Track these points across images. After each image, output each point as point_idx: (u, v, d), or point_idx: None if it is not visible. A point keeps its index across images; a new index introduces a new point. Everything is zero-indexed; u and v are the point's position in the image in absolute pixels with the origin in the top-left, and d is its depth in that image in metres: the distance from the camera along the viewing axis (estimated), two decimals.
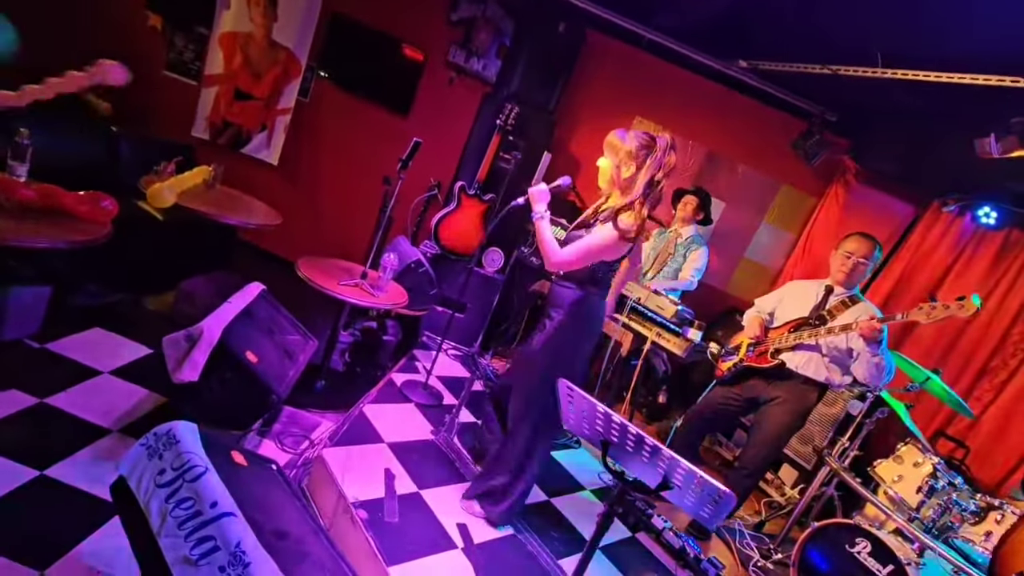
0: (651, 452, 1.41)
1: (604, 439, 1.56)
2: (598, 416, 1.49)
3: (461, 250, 3.87)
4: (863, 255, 2.73)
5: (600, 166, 2.23)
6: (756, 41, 3.59)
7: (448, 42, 4.28)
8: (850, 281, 2.78)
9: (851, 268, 2.74)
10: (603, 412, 1.44)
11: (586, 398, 1.46)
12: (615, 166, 2.16)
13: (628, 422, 1.40)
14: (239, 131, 4.56)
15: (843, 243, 2.82)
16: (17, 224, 2.11)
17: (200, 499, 1.33)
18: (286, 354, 2.52)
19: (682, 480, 1.39)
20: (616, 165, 2.15)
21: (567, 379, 1.69)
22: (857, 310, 2.71)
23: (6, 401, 2.14)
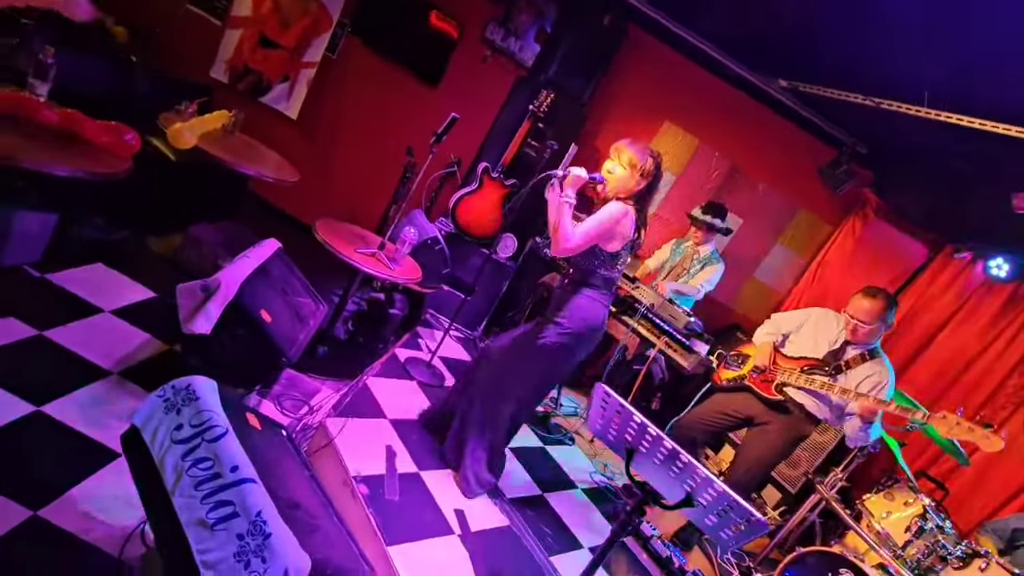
0: (682, 468, 1.39)
1: (631, 448, 1.54)
2: (632, 424, 1.46)
3: (477, 232, 3.81)
4: (867, 318, 2.56)
5: (611, 171, 2.25)
6: (800, 62, 3.56)
7: (487, 18, 4.17)
8: (859, 341, 2.64)
9: (854, 330, 2.61)
10: (639, 422, 1.42)
11: (624, 406, 1.44)
12: (633, 180, 2.22)
13: (664, 435, 1.38)
14: (260, 79, 4.41)
15: (852, 299, 2.66)
16: (35, 146, 2.00)
17: (219, 461, 1.28)
18: (297, 316, 2.45)
19: (711, 500, 1.37)
20: (635, 180, 2.21)
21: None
22: (870, 368, 2.62)
23: (4, 329, 2.05)
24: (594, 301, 2.30)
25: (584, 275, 2.28)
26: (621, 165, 2.20)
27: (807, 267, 4.35)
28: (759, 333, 3.03)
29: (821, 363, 2.71)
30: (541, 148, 3.81)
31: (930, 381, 3.79)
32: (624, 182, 2.20)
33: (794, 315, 2.99)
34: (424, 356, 3.26)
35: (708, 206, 3.89)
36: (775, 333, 2.96)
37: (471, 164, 4.17)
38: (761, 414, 2.82)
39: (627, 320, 3.41)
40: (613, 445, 1.63)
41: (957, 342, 3.77)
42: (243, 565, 1.13)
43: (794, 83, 3.69)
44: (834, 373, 2.66)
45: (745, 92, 4.07)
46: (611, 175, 2.23)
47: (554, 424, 3.40)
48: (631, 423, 1.45)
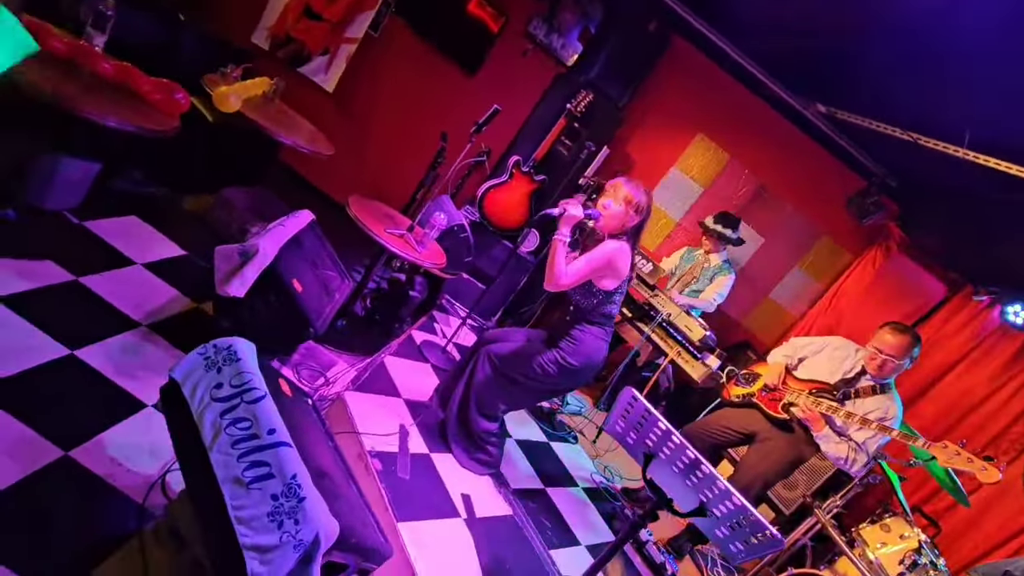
0: (701, 478, 1.42)
1: (650, 453, 1.57)
2: (655, 431, 1.49)
3: (501, 224, 3.84)
4: (895, 353, 2.58)
5: (607, 206, 2.32)
6: (841, 88, 3.55)
7: (532, 13, 4.17)
8: (879, 375, 2.66)
9: (879, 365, 2.62)
10: (664, 429, 1.45)
11: (650, 411, 1.47)
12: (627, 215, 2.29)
13: (688, 444, 1.41)
14: (300, 49, 4.43)
15: (878, 332, 2.67)
16: (89, 96, 2.03)
17: (258, 423, 1.32)
18: (324, 289, 2.49)
19: (726, 512, 1.40)
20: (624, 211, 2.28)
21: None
22: (880, 402, 2.64)
23: (42, 272, 2.09)
24: (597, 339, 2.40)
25: (584, 314, 2.37)
26: (616, 201, 2.27)
27: (823, 293, 4.36)
28: (775, 354, 3.06)
29: (831, 388, 2.74)
30: (573, 147, 3.83)
31: (935, 419, 3.80)
32: (619, 218, 2.27)
33: (813, 341, 3.02)
34: (438, 340, 3.29)
35: (720, 216, 3.90)
36: (792, 356, 2.99)
37: (501, 156, 4.19)
38: (764, 431, 2.85)
39: (642, 327, 3.44)
40: (631, 448, 1.66)
41: (966, 384, 3.78)
42: (276, 525, 1.17)
43: (832, 109, 3.69)
44: (842, 399, 2.69)
45: (781, 113, 4.07)
46: (607, 211, 2.30)
47: (559, 421, 3.44)
48: (654, 429, 1.48)
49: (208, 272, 2.18)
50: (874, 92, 3.30)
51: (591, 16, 4.11)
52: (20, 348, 1.78)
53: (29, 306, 1.91)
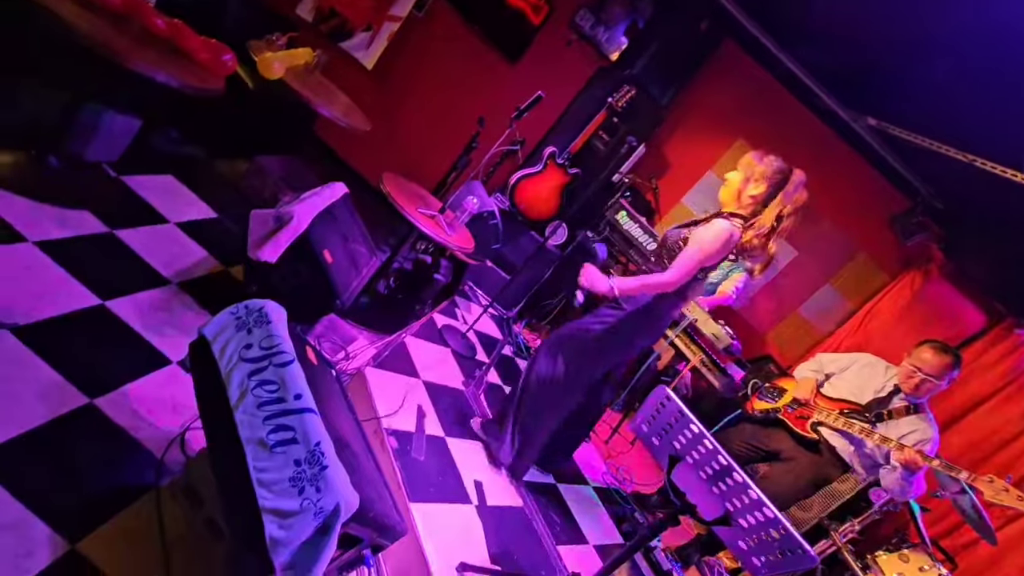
0: (731, 486, 1.37)
1: (676, 456, 1.52)
2: (686, 432, 1.44)
3: (531, 215, 3.79)
4: (934, 373, 2.50)
5: (728, 179, 2.19)
6: (895, 103, 3.43)
7: (579, 3, 4.09)
8: (915, 394, 2.59)
9: (917, 384, 2.54)
10: (696, 431, 1.40)
11: (684, 412, 1.42)
12: (744, 180, 2.10)
13: (722, 448, 1.36)
14: (343, 24, 4.40)
15: (917, 351, 2.59)
16: (139, 50, 2.03)
17: (285, 387, 1.30)
18: (353, 263, 2.47)
19: (754, 524, 1.35)
20: (745, 179, 2.10)
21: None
22: (915, 423, 2.56)
23: (79, 221, 2.10)
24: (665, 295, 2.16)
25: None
26: (738, 171, 2.14)
27: (854, 312, 4.24)
28: (802, 369, 2.97)
29: (863, 409, 2.65)
30: (611, 142, 3.76)
31: (962, 451, 3.68)
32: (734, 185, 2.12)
33: (840, 357, 2.93)
34: (459, 326, 3.27)
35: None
36: (819, 372, 2.90)
37: (536, 145, 4.13)
38: (789, 450, 2.78)
39: (667, 332, 3.37)
40: (655, 449, 1.61)
41: (997, 419, 3.65)
42: (298, 491, 1.15)
43: (883, 123, 3.57)
44: (875, 421, 2.61)
45: (828, 124, 3.95)
46: (727, 180, 2.15)
47: None
48: (686, 431, 1.43)
49: (239, 237, 2.18)
50: (930, 108, 3.18)
51: (640, 11, 4.03)
52: (53, 294, 1.79)
53: (65, 253, 1.92)
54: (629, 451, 3.47)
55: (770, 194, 2.15)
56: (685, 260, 2.04)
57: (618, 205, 3.67)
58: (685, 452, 1.47)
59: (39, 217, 1.98)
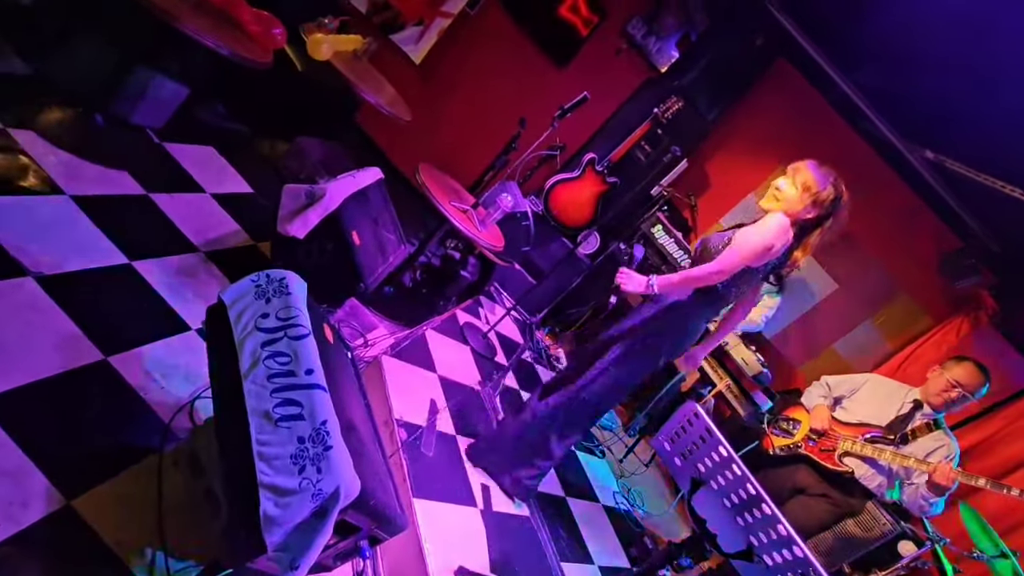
0: (758, 519, 1.27)
1: (700, 479, 1.42)
2: (713, 455, 1.35)
3: (565, 221, 3.73)
4: (972, 389, 2.47)
5: (782, 191, 1.98)
6: (958, 136, 3.27)
7: (632, 12, 4.03)
8: (944, 409, 2.54)
9: (954, 399, 2.48)
10: (725, 455, 1.30)
11: (712, 431, 1.32)
12: (802, 204, 1.96)
13: (751, 476, 1.25)
14: (396, 16, 4.43)
15: (952, 366, 2.55)
16: (194, 14, 2.04)
17: (297, 360, 1.25)
18: (380, 249, 2.44)
19: (781, 563, 1.24)
20: (803, 204, 1.95)
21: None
22: (939, 439, 2.49)
23: (118, 180, 2.12)
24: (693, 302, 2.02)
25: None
26: (792, 184, 1.94)
27: (893, 354, 4.04)
28: (812, 395, 2.83)
29: (885, 430, 2.54)
30: (652, 153, 3.67)
31: (997, 516, 3.43)
32: (791, 204, 1.93)
33: (848, 379, 2.81)
34: (481, 325, 3.21)
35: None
36: (827, 396, 2.77)
37: (576, 151, 4.07)
38: (814, 485, 2.63)
39: None
40: (677, 471, 1.51)
41: None
42: (298, 469, 1.10)
43: (941, 157, 3.40)
44: (900, 443, 2.49)
45: (881, 154, 3.79)
46: (779, 191, 1.96)
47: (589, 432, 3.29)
48: (713, 453, 1.33)
49: (271, 215, 2.16)
50: (995, 144, 3.02)
51: (695, 24, 3.94)
52: (84, 247, 1.79)
53: (100, 210, 1.94)
54: (644, 471, 3.35)
55: (820, 221, 1.99)
56: (734, 250, 1.90)
57: (655, 218, 3.57)
58: (710, 476, 1.37)
59: (79, 172, 2.00)
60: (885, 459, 2.46)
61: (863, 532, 3.31)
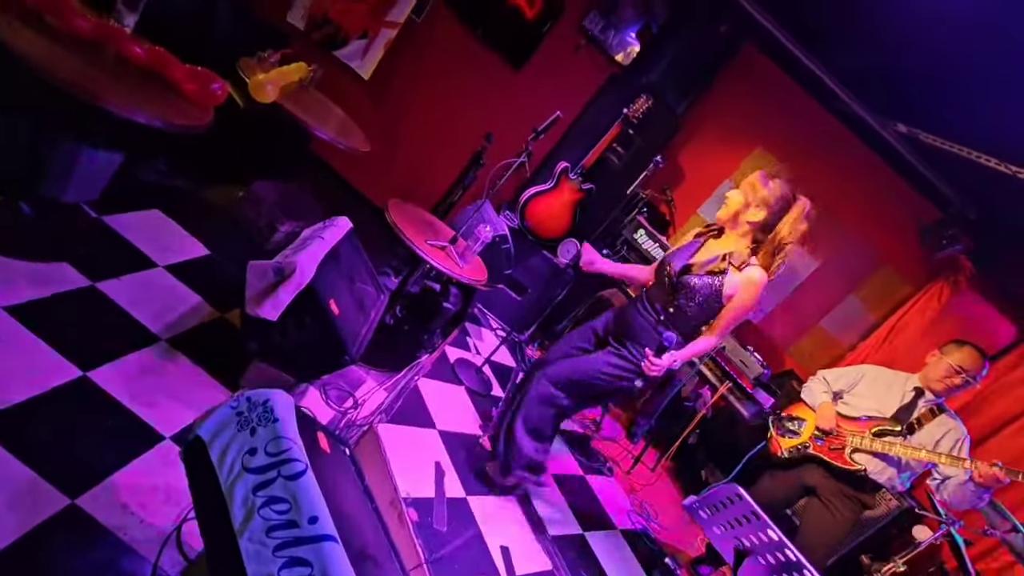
0: None
1: (745, 551, 1.34)
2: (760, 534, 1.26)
3: (543, 233, 3.59)
4: (975, 373, 2.44)
5: (729, 197, 2.08)
6: (926, 108, 3.24)
7: (589, 6, 3.86)
8: (947, 394, 2.51)
9: (957, 385, 2.45)
10: (776, 539, 1.21)
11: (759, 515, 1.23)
12: (744, 204, 2.01)
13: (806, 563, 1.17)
14: (337, 31, 4.16)
15: (953, 351, 2.51)
16: (116, 84, 1.81)
17: (298, 507, 1.11)
18: (360, 307, 2.27)
19: None
20: (746, 204, 1.97)
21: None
22: (944, 424, 2.48)
23: (58, 276, 1.89)
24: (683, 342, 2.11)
25: (684, 324, 2.08)
26: (740, 189, 2.03)
27: (878, 325, 4.08)
28: (814, 391, 2.78)
29: (891, 422, 2.52)
30: (626, 155, 3.56)
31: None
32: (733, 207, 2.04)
33: (845, 372, 2.78)
34: (473, 357, 3.08)
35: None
36: (828, 392, 2.74)
37: (544, 158, 3.92)
38: (825, 485, 2.61)
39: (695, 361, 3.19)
40: (716, 538, 1.43)
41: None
42: None
43: (914, 130, 3.38)
44: (907, 433, 2.48)
45: (854, 131, 3.76)
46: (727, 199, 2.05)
47: (593, 449, 3.22)
48: (760, 534, 1.24)
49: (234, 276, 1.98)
50: (966, 115, 3.00)
51: (655, 14, 3.80)
52: (27, 370, 1.58)
53: (40, 317, 1.72)
54: (654, 482, 3.30)
55: (770, 222, 2.03)
56: (730, 323, 2.03)
57: (636, 223, 3.47)
58: (758, 552, 1.29)
59: (10, 276, 1.77)
60: (896, 453, 2.44)
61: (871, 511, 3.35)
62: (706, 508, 1.40)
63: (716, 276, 2.03)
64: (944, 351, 2.53)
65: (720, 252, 2.05)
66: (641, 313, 2.15)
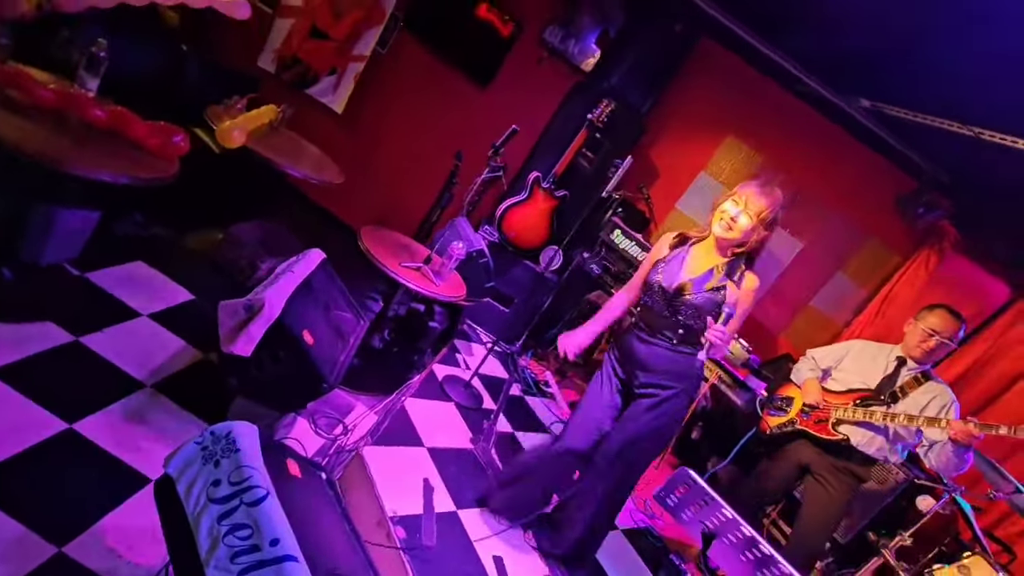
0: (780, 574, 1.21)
1: (711, 534, 1.36)
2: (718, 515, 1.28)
3: (523, 244, 3.64)
4: (949, 336, 2.45)
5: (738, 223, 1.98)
6: (887, 81, 3.27)
7: (547, 18, 3.95)
8: (927, 359, 2.53)
9: (933, 348, 2.48)
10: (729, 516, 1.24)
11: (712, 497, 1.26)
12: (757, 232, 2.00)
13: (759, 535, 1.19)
14: (307, 70, 4.29)
15: (926, 316, 2.54)
16: (80, 148, 1.90)
17: (259, 531, 1.15)
18: (338, 334, 2.32)
19: None
20: (753, 227, 1.98)
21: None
22: (931, 390, 2.49)
23: (42, 335, 1.97)
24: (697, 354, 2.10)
25: (694, 336, 2.06)
26: (748, 216, 1.97)
27: (869, 299, 4.06)
28: (801, 371, 2.81)
29: (875, 393, 2.53)
30: (596, 159, 3.61)
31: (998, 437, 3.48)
32: (745, 233, 1.99)
33: (832, 350, 2.79)
34: (462, 373, 3.12)
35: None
36: (816, 370, 2.76)
37: (519, 170, 3.99)
38: (817, 460, 2.61)
39: None
40: (686, 523, 1.45)
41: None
42: None
43: (878, 104, 3.40)
44: (890, 401, 2.49)
45: (820, 111, 3.79)
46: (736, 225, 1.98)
47: None
48: (718, 514, 1.27)
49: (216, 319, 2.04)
50: (925, 85, 3.02)
51: (611, 19, 3.88)
52: (13, 427, 1.64)
53: (25, 376, 1.79)
54: (655, 477, 3.30)
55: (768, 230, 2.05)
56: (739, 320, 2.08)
57: (611, 224, 3.51)
58: (721, 533, 1.31)
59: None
60: (877, 420, 2.45)
61: (879, 485, 3.32)
62: (671, 496, 1.43)
63: (716, 292, 2.01)
64: (918, 317, 2.55)
65: (710, 266, 2.05)
66: (651, 344, 2.09)
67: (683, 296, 2.01)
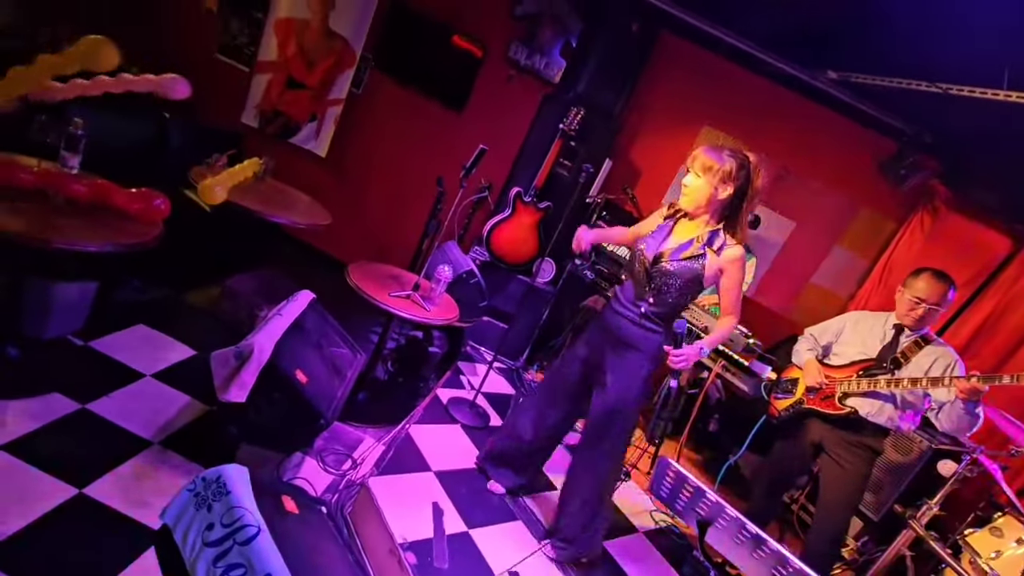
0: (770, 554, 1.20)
1: (705, 520, 1.35)
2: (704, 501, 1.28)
3: (513, 259, 3.68)
4: (935, 301, 2.41)
5: (688, 185, 2.03)
6: (850, 51, 3.28)
7: (510, 38, 4.06)
8: (920, 326, 2.49)
9: (922, 315, 2.44)
10: (714, 500, 1.24)
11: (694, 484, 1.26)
12: (711, 187, 1.95)
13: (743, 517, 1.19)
14: (288, 120, 4.43)
15: (912, 282, 2.51)
16: (65, 223, 1.99)
17: (252, 568, 1.18)
18: (334, 370, 2.37)
19: None
20: (713, 187, 1.95)
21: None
22: (932, 352, 2.46)
23: (48, 407, 2.04)
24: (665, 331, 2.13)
25: (675, 312, 2.09)
26: (695, 173, 1.99)
27: (871, 268, 4.02)
28: (799, 351, 2.77)
29: (877, 361, 2.50)
30: (573, 167, 3.66)
31: (1015, 391, 3.39)
32: (701, 192, 1.98)
33: (829, 325, 2.76)
34: (466, 394, 3.14)
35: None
36: (815, 348, 2.72)
37: (503, 187, 4.05)
38: (828, 436, 2.57)
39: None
40: (681, 514, 1.45)
41: None
42: None
43: (844, 74, 3.41)
44: (893, 368, 2.46)
45: (791, 88, 3.81)
46: (687, 187, 2.01)
47: None
48: (704, 500, 1.27)
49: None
50: (888, 48, 3.02)
51: (570, 29, 3.97)
52: (24, 498, 1.70)
53: (34, 448, 1.86)
54: None
55: (738, 194, 2.01)
56: (737, 299, 2.09)
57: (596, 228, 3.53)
58: (712, 518, 1.31)
59: (3, 417, 1.92)
60: (882, 388, 2.41)
61: (903, 456, 3.25)
62: (663, 488, 1.43)
63: (694, 260, 2.03)
64: (905, 284, 2.52)
65: (691, 236, 2.06)
66: (620, 313, 2.14)
67: (660, 263, 2.03)
